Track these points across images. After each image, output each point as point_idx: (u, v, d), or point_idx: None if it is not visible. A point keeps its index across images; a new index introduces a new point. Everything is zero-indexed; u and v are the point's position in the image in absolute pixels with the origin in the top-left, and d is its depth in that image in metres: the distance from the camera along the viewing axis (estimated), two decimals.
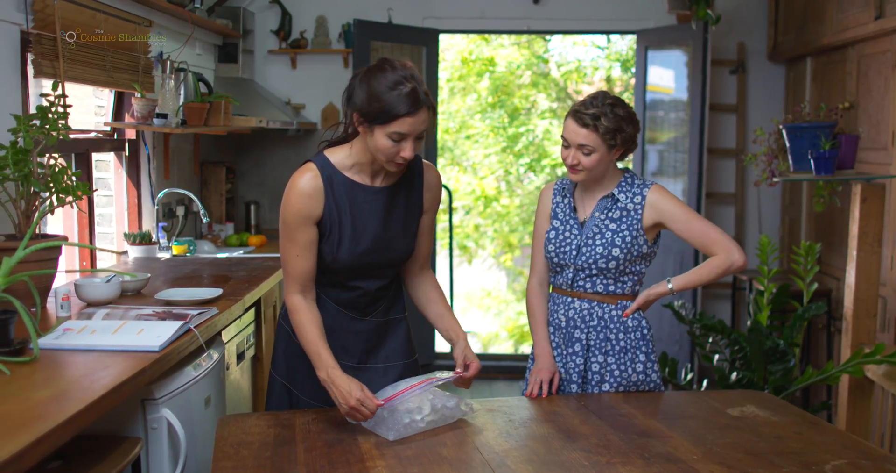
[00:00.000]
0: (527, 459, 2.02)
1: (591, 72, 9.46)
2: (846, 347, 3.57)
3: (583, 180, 2.57)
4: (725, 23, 5.58)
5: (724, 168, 5.88)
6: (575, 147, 2.51)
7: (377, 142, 2.17)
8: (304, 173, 2.27)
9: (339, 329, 2.37)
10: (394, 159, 2.19)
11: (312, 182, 2.26)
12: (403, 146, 2.17)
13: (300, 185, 2.26)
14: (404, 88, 2.12)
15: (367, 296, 2.39)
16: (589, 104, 2.49)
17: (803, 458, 2.03)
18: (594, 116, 2.47)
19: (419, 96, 2.14)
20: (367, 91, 2.15)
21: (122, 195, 4.34)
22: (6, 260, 2.16)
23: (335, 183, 2.28)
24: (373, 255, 2.33)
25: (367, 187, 2.31)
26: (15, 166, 2.69)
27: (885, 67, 4.21)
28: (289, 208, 2.27)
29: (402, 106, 2.12)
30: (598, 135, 2.47)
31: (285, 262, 2.30)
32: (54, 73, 3.25)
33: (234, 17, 5.38)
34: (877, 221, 3.44)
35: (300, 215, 2.26)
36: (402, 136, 2.15)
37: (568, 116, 2.53)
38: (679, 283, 2.58)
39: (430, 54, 5.84)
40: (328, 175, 2.28)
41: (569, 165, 2.54)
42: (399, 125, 2.13)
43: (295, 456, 2.01)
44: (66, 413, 1.74)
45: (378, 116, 2.14)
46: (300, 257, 2.27)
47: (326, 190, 2.27)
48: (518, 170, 9.58)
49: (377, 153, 2.19)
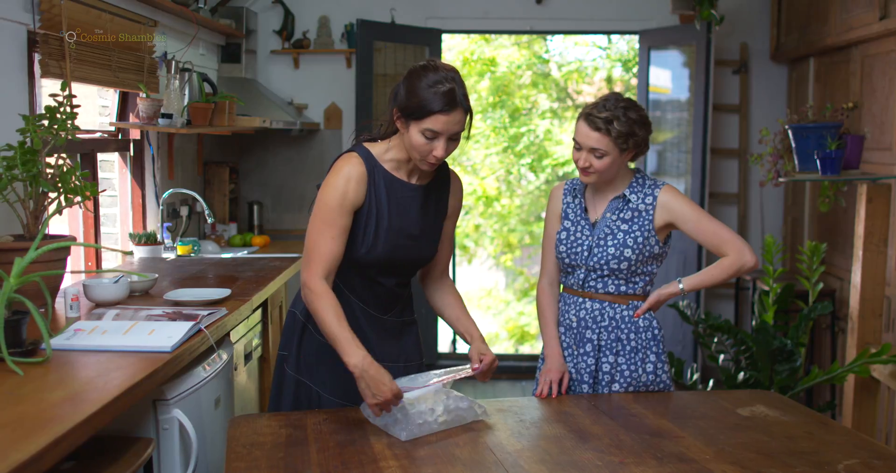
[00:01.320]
0: (540, 459, 2.02)
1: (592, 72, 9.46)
2: (852, 347, 3.57)
3: (594, 182, 2.57)
4: (728, 23, 5.58)
5: (726, 168, 5.89)
6: (587, 150, 2.50)
7: (412, 138, 2.20)
8: (349, 159, 2.28)
9: (359, 328, 2.37)
10: (426, 158, 2.22)
11: (359, 168, 2.27)
12: (436, 145, 2.19)
13: (347, 170, 2.27)
14: (442, 87, 2.16)
15: (389, 294, 2.40)
16: (601, 107, 2.48)
17: (815, 458, 2.03)
18: (607, 119, 2.46)
19: (456, 97, 2.17)
20: (407, 87, 2.20)
21: (126, 195, 4.34)
22: (18, 261, 2.16)
23: (377, 174, 2.30)
24: (405, 251, 2.35)
25: (405, 183, 2.34)
26: (23, 166, 2.69)
27: (890, 67, 4.22)
28: (332, 191, 2.25)
29: (437, 103, 2.15)
30: (610, 139, 2.47)
31: (315, 245, 2.24)
32: (61, 73, 3.25)
33: (237, 17, 5.38)
34: (882, 221, 3.45)
35: (345, 198, 2.25)
36: (435, 134, 2.18)
37: (580, 119, 2.52)
38: (690, 283, 2.58)
39: (433, 54, 5.84)
40: (371, 166, 2.30)
41: (580, 167, 2.54)
42: (432, 122, 2.16)
43: (308, 457, 2.01)
44: (82, 414, 1.74)
45: (414, 111, 2.17)
46: (334, 239, 2.24)
47: (370, 178, 2.28)
48: (519, 170, 9.58)
49: (412, 150, 2.23)
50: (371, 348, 2.37)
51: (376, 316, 2.41)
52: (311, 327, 2.41)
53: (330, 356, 2.37)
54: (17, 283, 2.13)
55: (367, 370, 2.11)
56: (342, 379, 2.38)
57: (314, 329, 2.40)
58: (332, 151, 5.75)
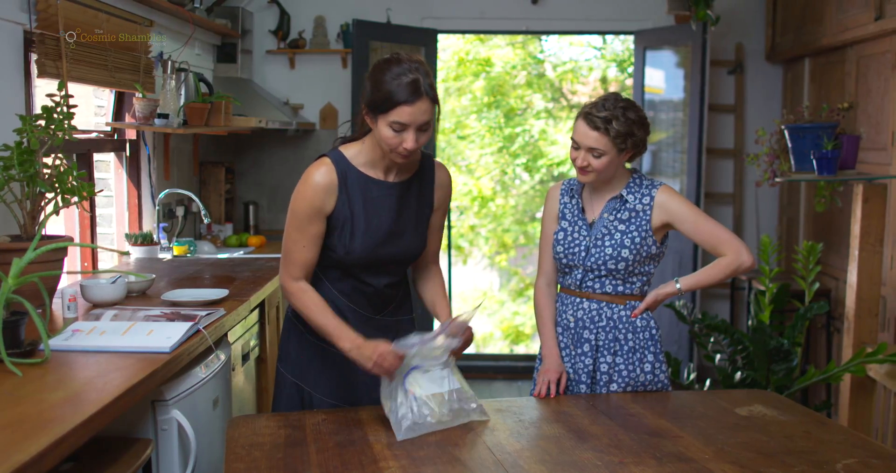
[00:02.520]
0: (539, 459, 2.03)
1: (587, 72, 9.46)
2: (848, 346, 3.59)
3: (592, 181, 2.57)
4: (723, 23, 5.59)
5: (721, 168, 5.90)
6: (585, 150, 2.51)
7: (381, 132, 2.20)
8: (319, 167, 2.30)
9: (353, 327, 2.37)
10: (397, 150, 2.21)
11: (328, 176, 2.29)
12: (405, 137, 2.18)
13: (315, 178, 2.28)
14: (406, 78, 2.15)
15: (378, 294, 2.41)
16: (601, 107, 2.48)
17: (814, 457, 2.04)
18: (606, 119, 2.46)
19: (420, 87, 2.16)
20: (372, 82, 2.20)
21: (122, 196, 4.33)
22: (16, 261, 2.15)
23: (349, 177, 2.30)
24: (385, 248, 2.35)
25: (380, 181, 2.33)
26: (20, 167, 2.68)
27: (885, 67, 4.23)
28: (302, 200, 2.28)
29: (402, 94, 2.14)
30: (608, 139, 2.47)
31: (289, 251, 2.31)
32: (58, 73, 3.24)
33: (233, 16, 5.37)
34: (879, 221, 3.46)
35: (312, 207, 2.28)
36: (403, 126, 2.17)
37: (578, 118, 2.52)
38: (687, 283, 2.59)
39: (429, 54, 5.83)
40: (342, 170, 2.30)
41: (578, 167, 2.54)
42: (398, 114, 2.16)
43: (308, 457, 2.01)
44: (83, 415, 1.74)
45: (380, 104, 2.17)
46: (306, 248, 2.30)
47: (340, 185, 2.29)
48: (514, 170, 9.58)
49: (382, 144, 2.22)
50: None
51: (368, 317, 2.41)
52: (302, 328, 2.42)
53: (320, 358, 2.38)
54: (15, 283, 2.12)
55: (361, 347, 2.16)
56: (334, 381, 2.40)
57: (305, 330, 2.41)
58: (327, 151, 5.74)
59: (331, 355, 2.37)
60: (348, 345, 2.19)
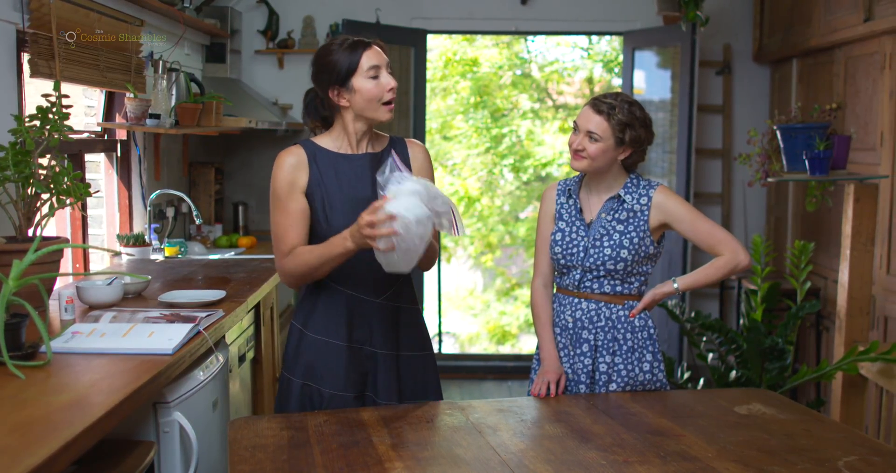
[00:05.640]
0: (544, 459, 2.03)
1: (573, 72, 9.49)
2: (839, 345, 3.61)
3: (583, 168, 2.57)
4: (711, 24, 5.62)
5: (710, 168, 5.93)
6: (584, 133, 2.54)
7: (363, 89, 2.32)
8: (288, 150, 2.42)
9: (354, 314, 2.39)
10: (384, 94, 2.33)
11: (296, 154, 2.39)
12: (384, 79, 2.34)
13: (284, 157, 2.40)
14: (347, 42, 2.34)
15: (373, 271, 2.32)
16: (609, 96, 2.55)
17: (815, 455, 2.05)
18: (610, 105, 2.52)
19: (362, 38, 2.36)
20: (324, 64, 2.34)
21: (112, 197, 4.30)
22: (17, 263, 2.13)
23: (318, 156, 2.40)
24: None
25: (350, 155, 2.42)
26: (15, 167, 2.66)
27: (874, 68, 4.27)
28: (276, 181, 2.38)
29: (356, 48, 2.33)
30: (609, 125, 2.51)
31: (279, 235, 2.37)
32: (50, 73, 3.21)
33: (222, 16, 5.34)
34: (869, 220, 3.49)
35: (286, 182, 2.36)
36: (376, 67, 2.33)
37: (586, 105, 2.58)
38: (685, 282, 2.60)
39: (419, 55, 5.84)
40: (311, 151, 2.41)
41: (573, 149, 2.56)
42: (367, 59, 2.32)
43: (312, 459, 2.00)
44: (91, 418, 1.73)
45: (345, 69, 2.31)
46: (292, 226, 2.36)
47: (310, 161, 2.39)
48: (501, 170, 9.59)
49: (369, 103, 2.34)
50: (367, 336, 2.38)
51: (369, 301, 2.41)
52: (308, 332, 2.42)
53: (324, 352, 2.38)
54: (16, 285, 2.11)
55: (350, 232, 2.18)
56: (341, 372, 2.39)
57: (311, 332, 2.41)
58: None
59: (334, 347, 2.39)
60: (346, 243, 2.20)
